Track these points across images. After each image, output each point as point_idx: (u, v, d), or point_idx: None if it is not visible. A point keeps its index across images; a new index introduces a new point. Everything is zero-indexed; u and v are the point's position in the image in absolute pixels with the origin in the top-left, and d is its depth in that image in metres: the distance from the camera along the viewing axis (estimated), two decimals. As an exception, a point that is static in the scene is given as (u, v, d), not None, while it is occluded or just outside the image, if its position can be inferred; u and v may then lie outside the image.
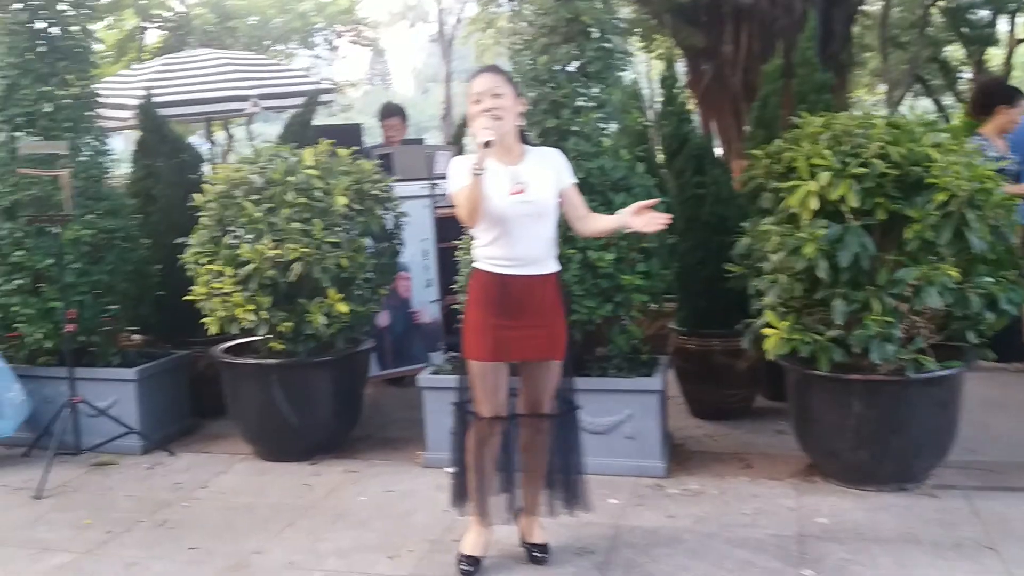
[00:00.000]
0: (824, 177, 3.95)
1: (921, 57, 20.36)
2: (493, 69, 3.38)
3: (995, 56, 20.62)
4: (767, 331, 4.14)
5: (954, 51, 22.62)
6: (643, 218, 3.22)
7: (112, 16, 18.06)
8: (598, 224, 3.43)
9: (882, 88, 23.02)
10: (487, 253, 3.34)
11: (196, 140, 17.94)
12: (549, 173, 3.34)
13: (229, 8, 19.58)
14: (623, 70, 4.61)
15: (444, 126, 27.66)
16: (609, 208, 4.25)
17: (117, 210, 5.37)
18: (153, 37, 20.12)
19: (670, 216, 3.20)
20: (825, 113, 4.46)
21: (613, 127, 4.62)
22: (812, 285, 4.05)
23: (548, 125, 4.32)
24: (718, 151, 11.98)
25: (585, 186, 4.02)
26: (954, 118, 14.53)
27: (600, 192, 4.30)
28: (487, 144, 3.08)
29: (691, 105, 5.78)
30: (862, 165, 3.92)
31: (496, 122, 3.17)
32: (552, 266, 3.37)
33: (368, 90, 38.43)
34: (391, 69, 44.98)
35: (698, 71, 13.11)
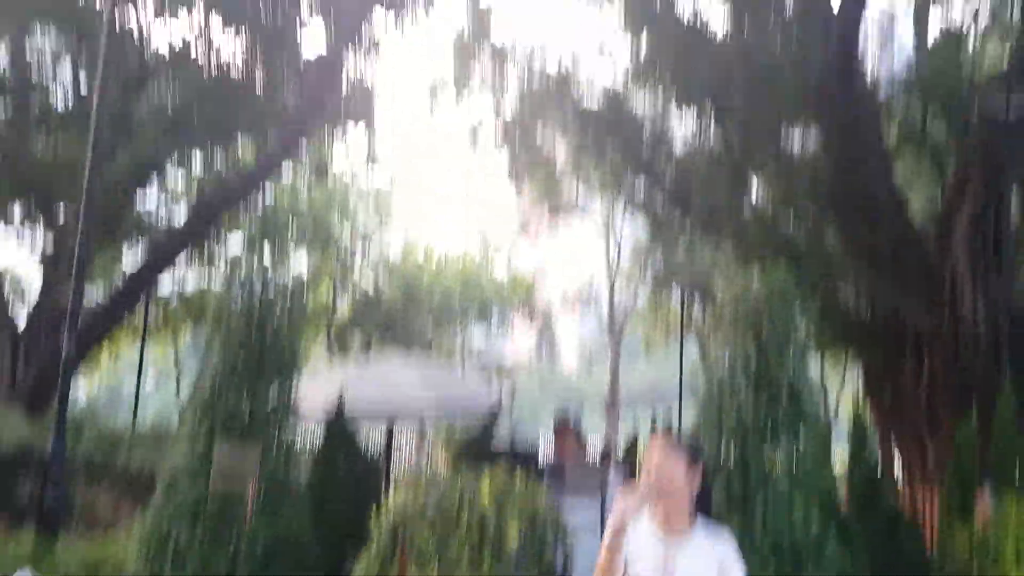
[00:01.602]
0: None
1: None
2: (670, 442, 3.24)
3: None
4: None
5: None
6: None
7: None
8: None
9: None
10: None
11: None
12: (709, 561, 3.12)
13: (416, 288, 20.93)
14: (815, 424, 4.48)
15: (608, 417, 27.47)
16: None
17: (293, 517, 5.47)
18: (343, 306, 21.66)
19: None
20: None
21: (802, 478, 4.42)
22: None
23: (733, 492, 4.16)
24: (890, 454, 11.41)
25: (775, 550, 3.82)
26: None
27: (791, 558, 4.04)
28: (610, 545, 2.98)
29: (870, 421, 5.62)
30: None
31: (650, 498, 3.06)
32: None
33: (535, 366, 39.50)
34: (558, 345, 46.06)
35: (878, 389, 12.71)
